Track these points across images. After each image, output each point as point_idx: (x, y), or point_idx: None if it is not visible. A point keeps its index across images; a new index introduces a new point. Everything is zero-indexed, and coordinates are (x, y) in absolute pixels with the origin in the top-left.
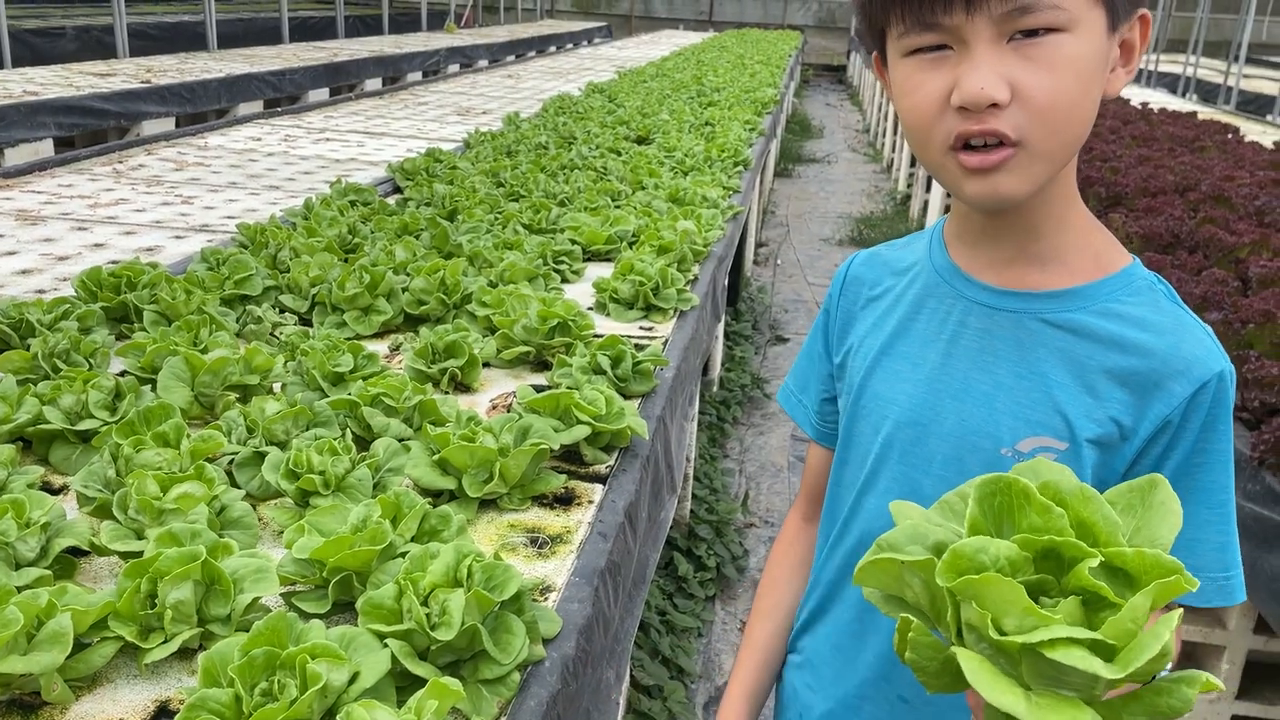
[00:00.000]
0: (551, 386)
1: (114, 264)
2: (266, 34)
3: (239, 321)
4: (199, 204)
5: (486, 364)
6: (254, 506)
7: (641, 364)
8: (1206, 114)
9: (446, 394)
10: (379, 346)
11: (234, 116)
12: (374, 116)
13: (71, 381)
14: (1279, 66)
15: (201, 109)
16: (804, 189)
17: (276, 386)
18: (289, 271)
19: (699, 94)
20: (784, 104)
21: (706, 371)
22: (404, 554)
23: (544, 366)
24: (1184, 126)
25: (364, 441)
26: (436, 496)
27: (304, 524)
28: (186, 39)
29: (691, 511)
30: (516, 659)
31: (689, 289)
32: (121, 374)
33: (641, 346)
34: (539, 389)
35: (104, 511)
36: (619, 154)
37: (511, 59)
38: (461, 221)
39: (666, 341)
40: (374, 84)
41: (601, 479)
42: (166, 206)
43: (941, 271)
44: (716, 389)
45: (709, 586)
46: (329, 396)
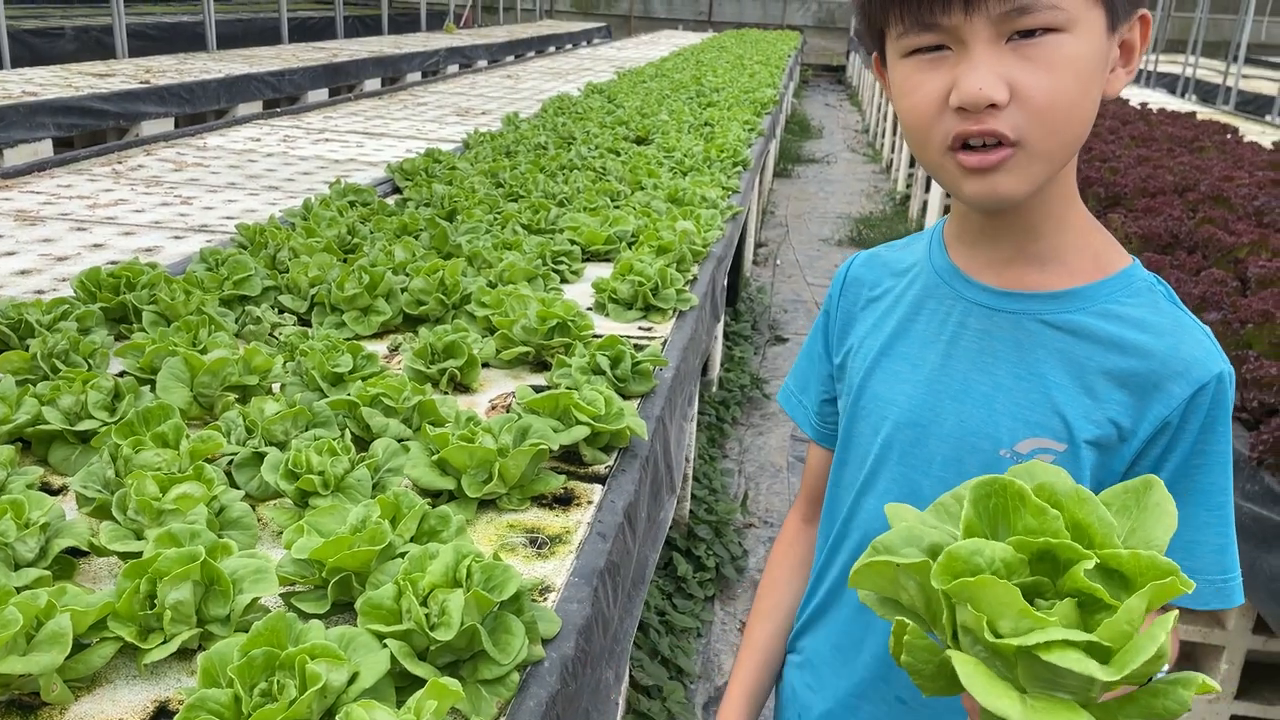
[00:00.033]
0: (551, 387)
1: (113, 264)
2: (265, 34)
3: (238, 322)
4: (198, 204)
5: (486, 364)
6: (253, 507)
7: (641, 364)
8: (1205, 114)
9: (446, 394)
10: (378, 347)
11: (233, 117)
12: (373, 117)
13: (70, 382)
14: (1278, 67)
15: (200, 109)
16: (803, 189)
17: (275, 387)
18: (288, 272)
19: (698, 94)
20: (783, 104)
21: (706, 372)
22: (403, 554)
23: (543, 367)
24: (1183, 127)
25: (363, 442)
26: (436, 497)
27: (303, 524)
28: (185, 39)
29: (691, 512)
30: (516, 659)
31: (688, 289)
32: (120, 374)
33: (641, 347)
34: (538, 389)
35: (103, 512)
36: (618, 154)
37: (511, 59)
38: (461, 222)
39: (665, 342)
40: (373, 84)
41: (601, 479)
42: (165, 207)
43: (941, 272)
44: (716, 389)
45: (708, 587)
46: (328, 397)
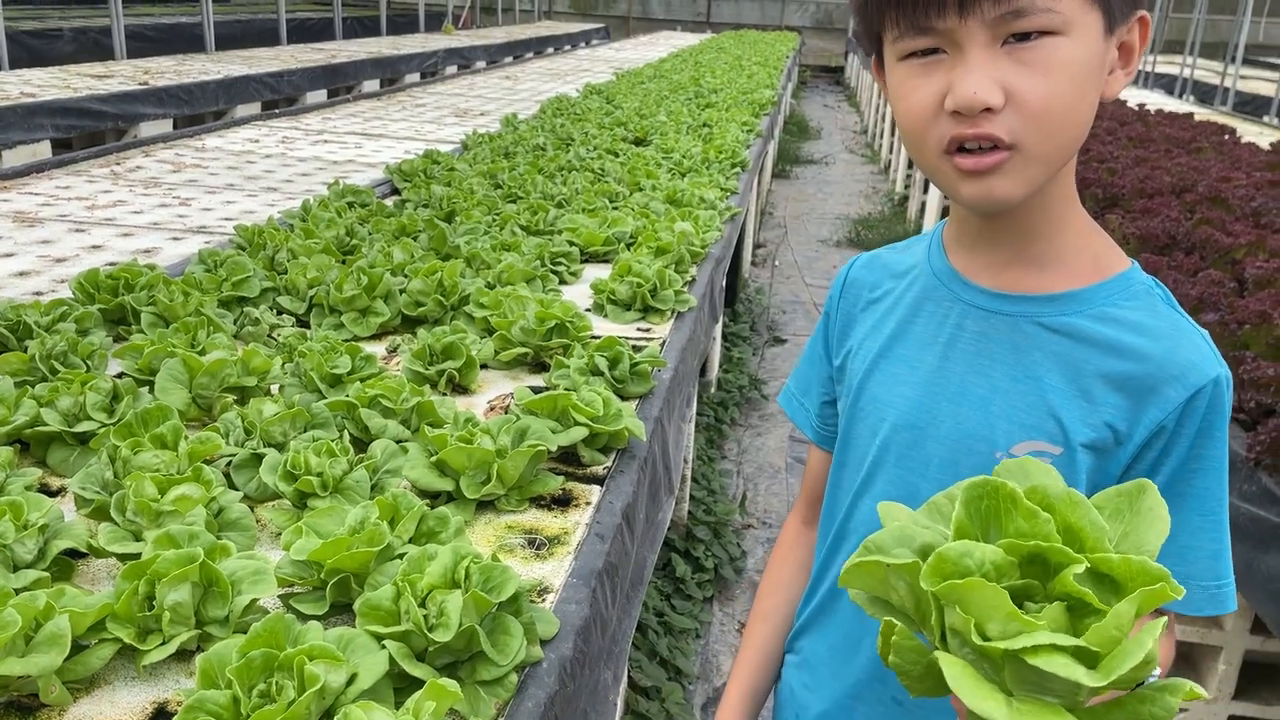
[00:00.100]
0: (549, 388)
1: (111, 266)
2: (264, 35)
3: (237, 323)
4: (196, 205)
5: (484, 365)
6: (252, 508)
7: (639, 365)
8: (1203, 115)
9: (444, 395)
10: (377, 348)
11: (232, 118)
12: (372, 118)
13: (69, 383)
14: (1276, 67)
15: (199, 110)
16: (802, 190)
17: (274, 388)
18: (287, 273)
19: (696, 95)
20: (781, 105)
21: (704, 373)
22: (402, 555)
23: (542, 368)
24: (1181, 128)
25: (362, 443)
26: (434, 498)
27: (302, 525)
28: (184, 40)
29: (689, 513)
30: (514, 660)
31: (686, 290)
32: (119, 376)
33: (639, 348)
34: (537, 390)
35: (102, 513)
36: (617, 155)
37: (509, 60)
38: (459, 223)
39: (664, 343)
40: (372, 85)
41: (599, 480)
42: (164, 208)
43: (939, 274)
44: (714, 390)
45: (707, 588)
46: (327, 398)
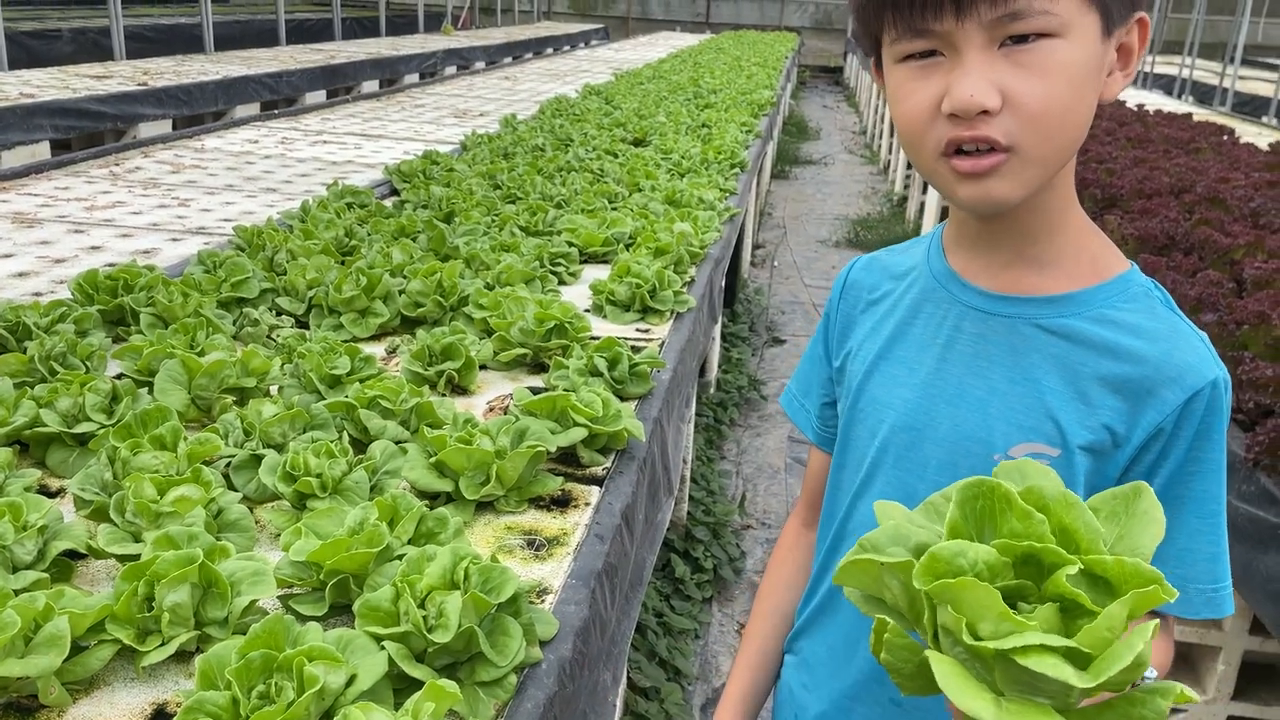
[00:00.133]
0: (548, 389)
1: (111, 267)
2: (263, 36)
3: (236, 324)
4: (196, 206)
5: (483, 366)
6: (251, 509)
7: (638, 366)
8: (1202, 115)
9: (443, 396)
10: (376, 349)
11: (231, 119)
12: (371, 119)
13: (68, 384)
14: (1274, 68)
15: (198, 111)
16: (801, 191)
17: (273, 389)
18: (286, 274)
19: (695, 96)
20: (780, 106)
21: (703, 373)
22: (401, 556)
23: (541, 369)
24: (1179, 128)
25: (361, 444)
26: (433, 499)
27: (301, 526)
28: (183, 41)
29: (688, 513)
30: (513, 661)
31: (686, 291)
32: (118, 377)
33: (638, 348)
34: (536, 391)
35: (101, 514)
36: (616, 156)
37: (508, 61)
38: (458, 224)
39: (663, 343)
40: (371, 86)
41: (598, 481)
42: (163, 209)
43: (938, 276)
44: (713, 391)
45: (706, 588)
46: (326, 399)
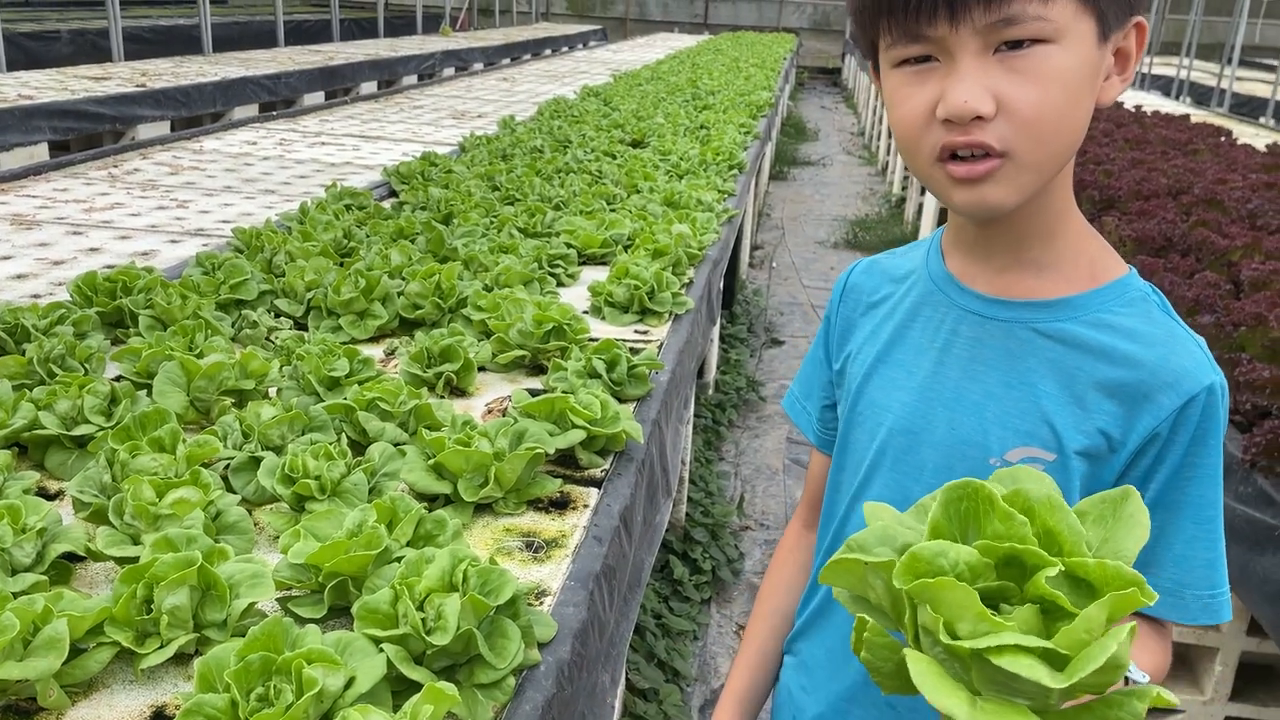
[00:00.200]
0: (547, 390)
1: (109, 268)
2: (261, 37)
3: (234, 326)
4: (194, 208)
5: (482, 368)
6: (250, 511)
7: (636, 368)
8: (1199, 116)
9: (442, 398)
10: (374, 351)
11: (229, 120)
12: (369, 120)
13: (67, 387)
14: (1272, 69)
15: (196, 112)
16: (799, 192)
17: (272, 391)
18: (284, 276)
19: (694, 97)
20: (779, 107)
21: (702, 374)
22: (399, 559)
23: (539, 370)
24: (1177, 129)
25: (359, 446)
26: (432, 501)
27: (300, 529)
28: (181, 42)
29: (687, 514)
30: (512, 663)
31: (684, 292)
32: (117, 379)
33: (637, 350)
34: (534, 393)
35: (100, 517)
36: (614, 157)
37: (507, 62)
38: (457, 225)
39: (661, 345)
40: (369, 87)
41: (597, 483)
42: (162, 211)
43: (937, 279)
44: (712, 392)
45: (704, 589)
46: (324, 401)
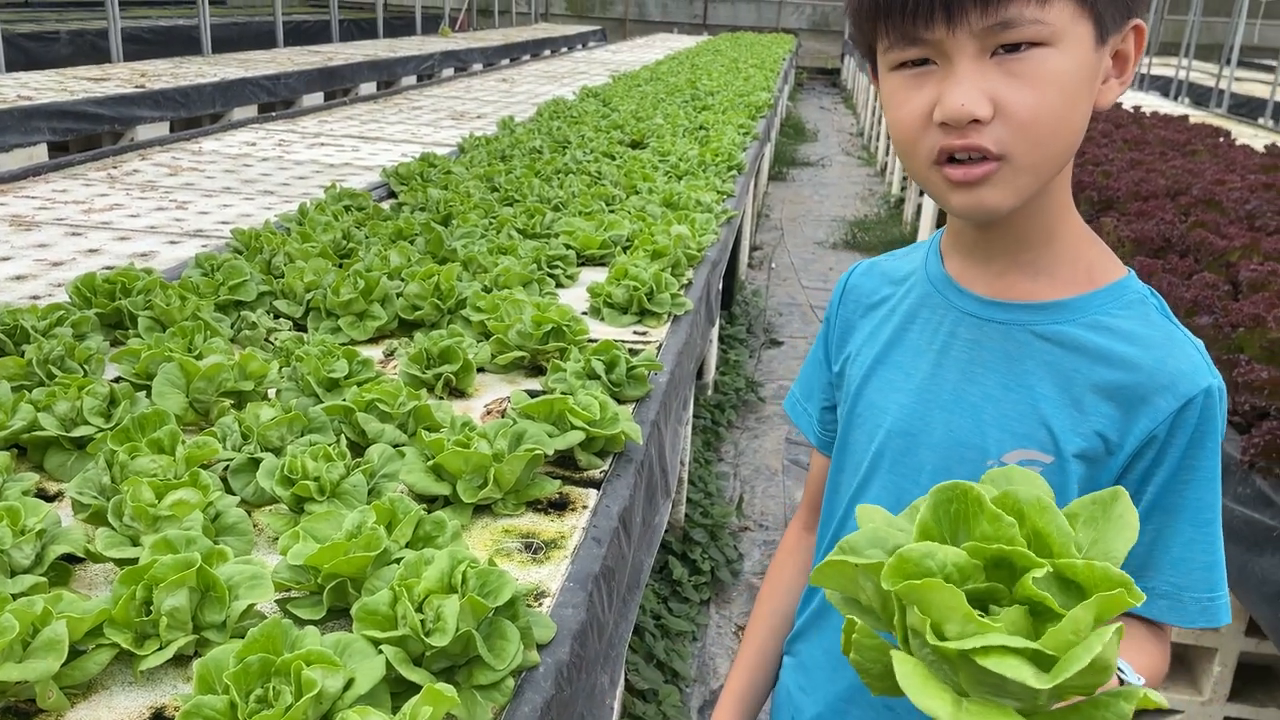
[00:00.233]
0: (546, 392)
1: (108, 270)
2: (261, 38)
3: (234, 327)
4: (193, 209)
5: (481, 369)
6: (249, 513)
7: (635, 369)
8: (1198, 117)
9: (441, 399)
10: (373, 352)
11: (228, 121)
12: (368, 121)
13: (66, 388)
14: (1271, 69)
15: (196, 113)
16: (798, 192)
17: (271, 392)
18: (283, 277)
19: (693, 98)
20: (778, 107)
21: (701, 375)
22: (399, 560)
23: (538, 371)
24: (1175, 130)
25: (359, 447)
26: (431, 502)
27: (299, 530)
28: (180, 43)
29: (686, 515)
30: (511, 664)
31: (683, 293)
32: (116, 380)
33: (636, 351)
34: (533, 394)
35: (99, 518)
36: (613, 158)
37: (506, 63)
38: (456, 226)
39: (660, 346)
40: (368, 88)
41: (596, 484)
42: (161, 212)
43: (935, 282)
44: (711, 393)
45: (703, 590)
46: (324, 402)
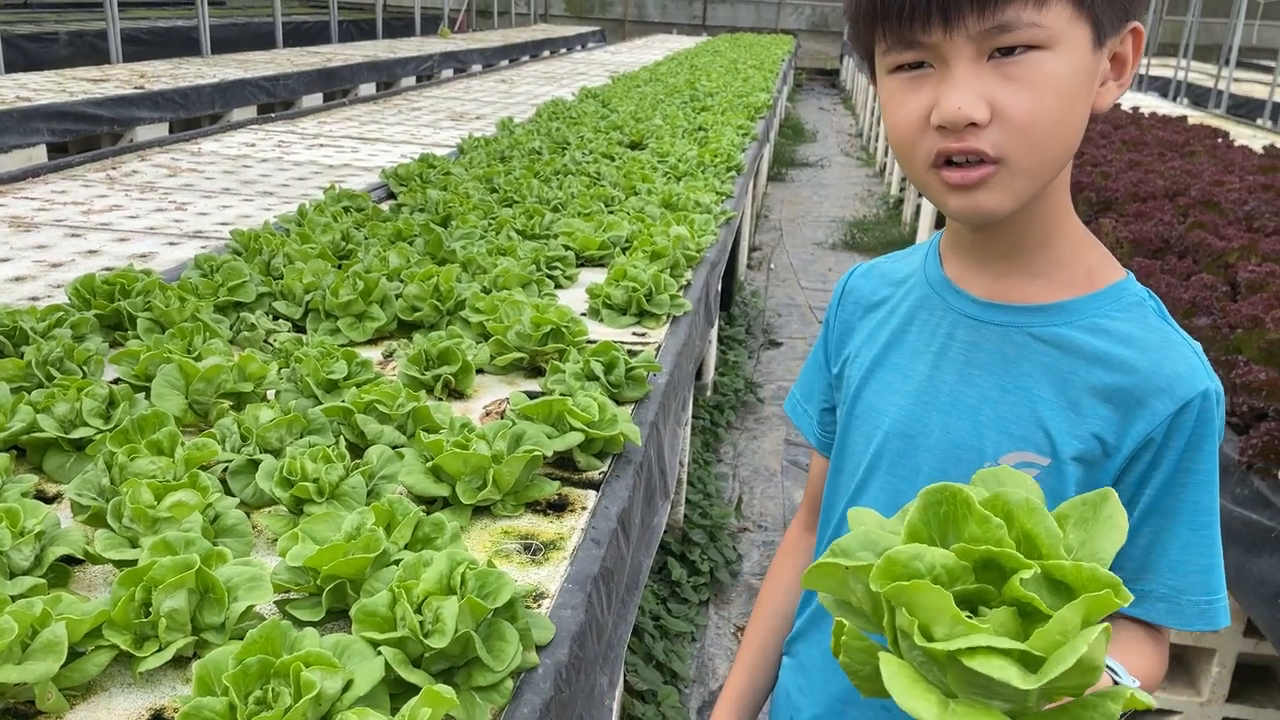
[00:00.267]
0: (545, 393)
1: (108, 271)
2: (260, 39)
3: (233, 329)
4: (192, 210)
5: (480, 370)
6: (248, 514)
7: (634, 370)
8: (1197, 118)
9: (440, 401)
10: (373, 353)
11: (228, 122)
12: (368, 122)
13: (65, 389)
14: (1269, 70)
15: (195, 114)
16: (797, 193)
17: (270, 394)
18: (283, 278)
19: (692, 99)
20: (777, 108)
21: (700, 376)
22: (398, 561)
23: (537, 373)
24: (1174, 131)
25: (358, 449)
26: (430, 504)
27: (298, 532)
28: (180, 44)
29: (685, 516)
30: (510, 666)
31: (682, 294)
32: (115, 382)
33: (635, 352)
34: (532, 395)
35: (98, 520)
36: (612, 159)
37: (505, 64)
38: (455, 227)
39: (659, 347)
40: (368, 89)
41: (595, 485)
42: (160, 213)
43: (934, 284)
44: (710, 393)
45: (702, 591)
46: (323, 404)
